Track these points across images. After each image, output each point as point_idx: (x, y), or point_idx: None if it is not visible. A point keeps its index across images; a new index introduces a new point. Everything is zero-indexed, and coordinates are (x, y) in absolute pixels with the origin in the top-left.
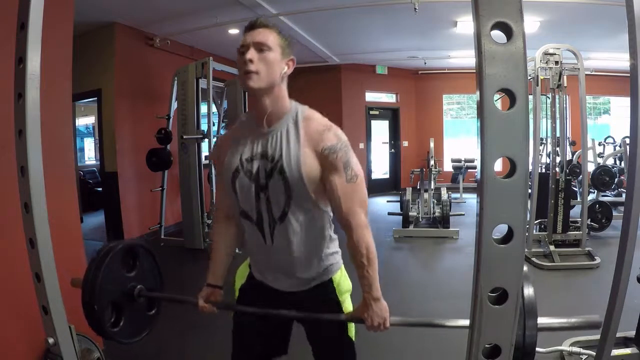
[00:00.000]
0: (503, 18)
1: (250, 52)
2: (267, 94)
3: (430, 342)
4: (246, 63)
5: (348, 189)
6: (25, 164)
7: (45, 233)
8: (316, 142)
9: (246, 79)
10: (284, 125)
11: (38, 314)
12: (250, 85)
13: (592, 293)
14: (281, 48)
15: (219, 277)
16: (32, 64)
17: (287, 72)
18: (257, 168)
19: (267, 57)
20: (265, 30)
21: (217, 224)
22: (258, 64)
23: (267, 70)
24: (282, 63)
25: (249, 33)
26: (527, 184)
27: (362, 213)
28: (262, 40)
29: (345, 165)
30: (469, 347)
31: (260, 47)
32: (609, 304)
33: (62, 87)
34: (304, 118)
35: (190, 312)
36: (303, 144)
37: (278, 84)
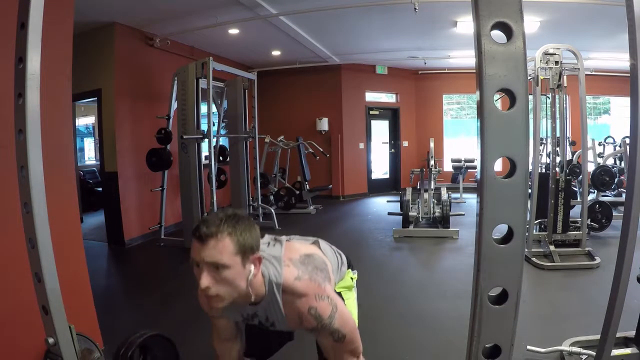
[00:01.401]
0: (503, 18)
1: (204, 278)
2: (240, 299)
3: (430, 342)
4: (203, 291)
5: (337, 346)
6: (25, 164)
7: (45, 233)
8: (300, 323)
9: (207, 306)
10: (266, 304)
11: (38, 314)
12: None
13: (592, 293)
14: (240, 254)
15: None
16: (32, 64)
17: (256, 271)
18: (259, 321)
19: (226, 277)
20: (216, 243)
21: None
22: (217, 288)
23: (228, 291)
24: (246, 270)
25: (197, 247)
26: (527, 184)
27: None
28: (215, 260)
29: (331, 333)
30: (469, 347)
31: (215, 267)
32: (609, 304)
33: (62, 87)
34: (283, 293)
35: (189, 309)
36: (288, 319)
37: (245, 290)
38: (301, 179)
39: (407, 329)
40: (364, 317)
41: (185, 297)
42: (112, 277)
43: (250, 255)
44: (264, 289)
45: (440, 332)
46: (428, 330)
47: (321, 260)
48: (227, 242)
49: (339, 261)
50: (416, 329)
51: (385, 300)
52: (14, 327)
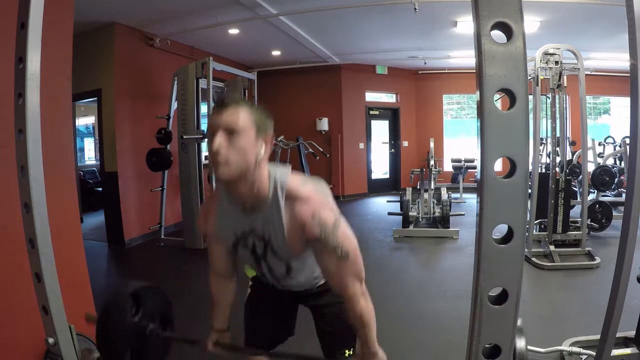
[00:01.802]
0: (503, 18)
1: (218, 138)
2: (242, 182)
3: (430, 342)
4: (214, 152)
5: (340, 265)
6: (25, 164)
7: (45, 233)
8: (301, 230)
9: (215, 168)
10: (266, 208)
11: (38, 314)
12: (219, 176)
13: (592, 293)
14: (256, 126)
15: (224, 322)
16: (32, 64)
17: (265, 153)
18: (253, 244)
19: (238, 143)
20: (236, 110)
21: (215, 282)
22: (228, 152)
23: (238, 158)
24: (257, 145)
25: (217, 114)
26: (527, 184)
27: (355, 283)
28: (232, 124)
29: (335, 247)
30: (469, 347)
31: (230, 131)
32: (609, 304)
33: (62, 87)
34: (286, 198)
35: (189, 310)
36: (289, 230)
37: (253, 169)
38: None
39: (407, 329)
40: None
41: (185, 298)
42: (112, 277)
43: (264, 133)
44: (268, 187)
45: (440, 332)
46: (428, 330)
47: (326, 186)
48: (245, 112)
49: None
50: (416, 329)
51: (385, 300)
52: (14, 327)
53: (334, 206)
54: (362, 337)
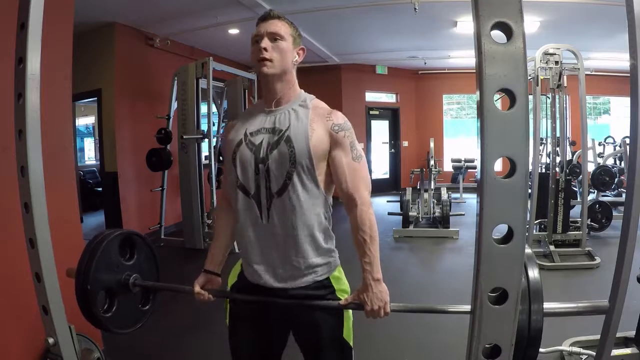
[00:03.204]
0: (503, 18)
1: (264, 41)
2: (279, 80)
3: (430, 342)
4: (261, 51)
5: (354, 166)
6: (25, 164)
7: (45, 233)
8: (324, 120)
9: (261, 65)
10: (294, 105)
11: (38, 314)
12: (264, 71)
13: (592, 293)
14: (292, 37)
15: (216, 264)
16: (32, 64)
17: (298, 60)
18: (261, 141)
19: (280, 46)
20: (278, 21)
21: (219, 212)
22: (272, 52)
23: (280, 58)
24: (294, 52)
25: (262, 24)
26: (527, 184)
27: (366, 191)
28: (275, 31)
29: (352, 145)
30: (469, 347)
31: (273, 37)
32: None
33: (62, 87)
34: (313, 102)
35: (188, 313)
36: (312, 120)
37: (290, 70)
38: None
39: (407, 329)
40: (364, 317)
41: (185, 298)
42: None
43: (298, 45)
44: (298, 91)
45: (440, 332)
46: (428, 330)
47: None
48: (286, 25)
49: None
50: (416, 329)
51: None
52: (14, 327)
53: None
54: (367, 254)
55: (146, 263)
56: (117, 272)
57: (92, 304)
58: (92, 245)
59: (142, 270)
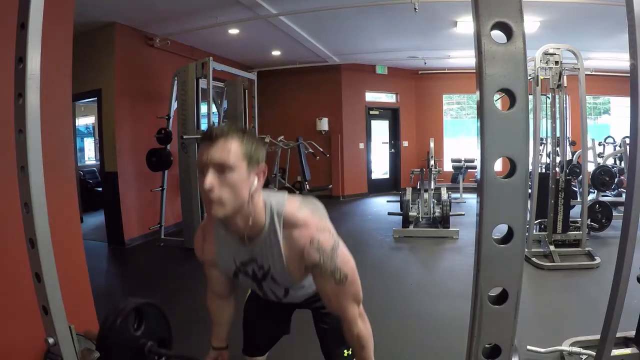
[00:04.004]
0: (503, 18)
1: (209, 177)
2: (238, 216)
3: (430, 342)
4: (206, 191)
5: (338, 289)
6: (25, 164)
7: (45, 233)
8: (300, 256)
9: (209, 207)
10: (264, 238)
11: (38, 314)
12: (213, 214)
13: (592, 293)
14: (247, 160)
15: (223, 340)
16: (32, 64)
17: (258, 186)
18: (253, 270)
19: (229, 180)
20: (224, 143)
21: (213, 302)
22: (220, 190)
23: (231, 197)
24: (250, 179)
25: (206, 147)
26: (527, 184)
27: (353, 306)
28: (222, 160)
29: (332, 272)
30: (469, 347)
31: (221, 168)
32: (609, 304)
33: (62, 87)
34: (283, 226)
35: (190, 309)
36: (287, 258)
37: (247, 203)
38: (301, 179)
39: (407, 329)
40: None
41: (185, 298)
42: (112, 277)
43: (256, 166)
44: (264, 218)
45: (440, 332)
46: (428, 330)
47: (322, 208)
48: (235, 144)
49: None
50: (416, 329)
51: (385, 300)
52: (14, 327)
53: (331, 229)
54: (359, 358)
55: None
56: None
57: None
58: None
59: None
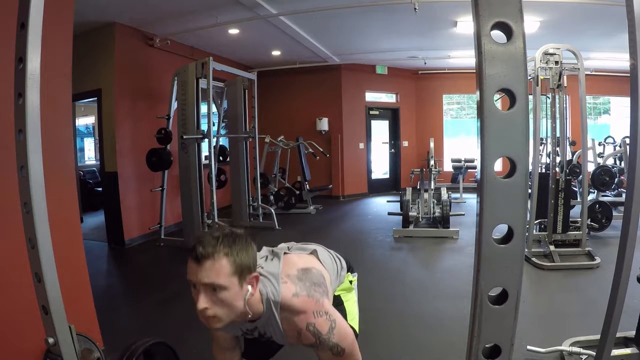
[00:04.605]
0: (503, 18)
1: (202, 299)
2: (237, 319)
3: (430, 342)
4: (200, 312)
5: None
6: (25, 164)
7: (45, 233)
8: (298, 336)
9: (206, 324)
10: (264, 321)
11: (38, 314)
12: (212, 328)
13: (592, 293)
14: (237, 274)
15: None
16: (32, 64)
17: (253, 292)
18: (258, 333)
19: (222, 297)
20: (212, 264)
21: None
22: (214, 309)
23: (226, 312)
24: (243, 291)
25: (194, 268)
26: (527, 184)
27: None
28: (212, 281)
29: (330, 348)
30: (469, 347)
31: (212, 288)
32: (609, 304)
33: (62, 87)
34: (281, 310)
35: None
36: (286, 334)
37: (242, 309)
38: (301, 179)
39: (407, 329)
40: (364, 317)
41: (185, 298)
42: (112, 277)
43: (247, 275)
44: (262, 307)
45: (440, 332)
46: (428, 330)
47: (319, 275)
48: (224, 262)
49: (338, 267)
50: (416, 329)
51: (385, 300)
52: (14, 327)
53: (328, 307)
54: None
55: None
56: None
57: None
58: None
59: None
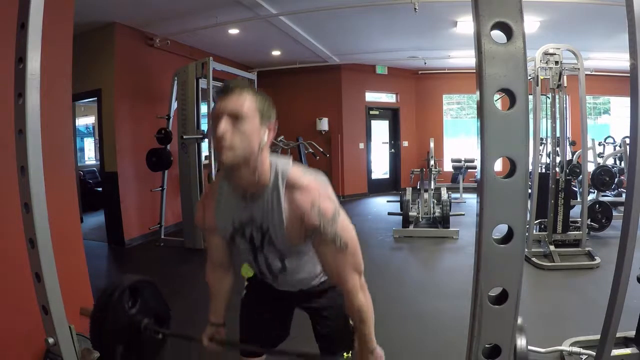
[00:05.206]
0: (503, 18)
1: (223, 124)
2: (244, 167)
3: (430, 341)
4: (219, 137)
5: (339, 257)
6: (25, 164)
7: (45, 233)
8: (301, 219)
9: (220, 153)
10: (266, 196)
11: (38, 314)
12: (222, 160)
13: (592, 293)
14: (260, 113)
15: (220, 315)
16: (32, 64)
17: (268, 140)
18: (251, 234)
19: (242, 128)
20: (240, 95)
21: (212, 273)
22: (232, 137)
23: (242, 144)
24: (261, 131)
25: (222, 100)
26: (527, 184)
27: (355, 276)
28: (237, 110)
29: (334, 238)
30: (469, 347)
31: (235, 117)
32: (609, 304)
33: (62, 87)
34: (286, 187)
35: (186, 307)
36: (288, 219)
37: (255, 155)
38: None
39: (407, 329)
40: None
41: (184, 297)
42: (112, 277)
43: (267, 121)
44: (269, 175)
45: (440, 332)
46: (428, 330)
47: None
48: (249, 98)
49: None
50: (416, 329)
51: (386, 300)
52: (14, 326)
53: (334, 197)
54: (360, 332)
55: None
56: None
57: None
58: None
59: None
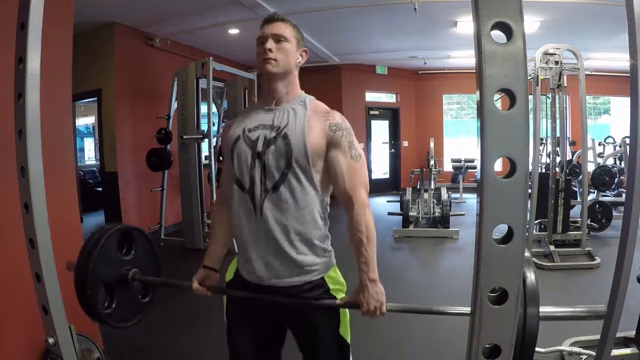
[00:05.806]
0: (503, 18)
1: (269, 42)
2: (282, 80)
3: (430, 341)
4: (265, 52)
5: (352, 166)
6: (25, 164)
7: (45, 233)
8: (322, 119)
9: (265, 64)
10: (293, 104)
11: (38, 314)
12: (268, 69)
13: (592, 293)
14: (296, 40)
15: (215, 260)
16: (32, 64)
17: (301, 62)
18: (258, 136)
19: (284, 47)
20: (282, 24)
21: (217, 209)
22: (276, 53)
23: (283, 59)
24: (297, 53)
25: (267, 26)
26: (527, 184)
27: (364, 191)
28: (280, 32)
29: (350, 145)
30: (469, 347)
31: (277, 39)
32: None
33: (62, 87)
34: (312, 103)
35: (185, 307)
36: (309, 118)
37: (292, 71)
38: None
39: (407, 328)
40: (364, 317)
41: (184, 297)
42: None
43: (301, 47)
44: (299, 92)
45: (440, 332)
46: (428, 330)
47: None
48: (290, 26)
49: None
50: (416, 328)
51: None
52: (14, 326)
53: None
54: (364, 255)
55: (145, 257)
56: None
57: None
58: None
59: (142, 264)
